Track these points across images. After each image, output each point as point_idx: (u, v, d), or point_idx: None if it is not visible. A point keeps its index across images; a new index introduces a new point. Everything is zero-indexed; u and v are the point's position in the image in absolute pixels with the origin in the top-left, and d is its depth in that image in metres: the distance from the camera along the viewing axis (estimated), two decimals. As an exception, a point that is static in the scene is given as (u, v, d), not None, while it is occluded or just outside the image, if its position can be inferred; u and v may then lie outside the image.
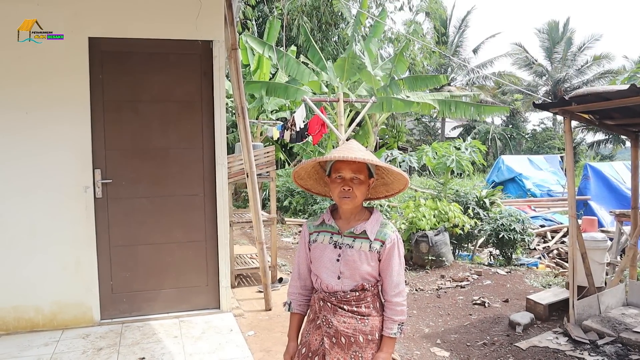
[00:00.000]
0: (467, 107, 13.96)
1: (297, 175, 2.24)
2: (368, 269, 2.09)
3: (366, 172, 2.09)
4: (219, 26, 4.65)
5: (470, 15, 34.51)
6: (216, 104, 4.67)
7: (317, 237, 2.18)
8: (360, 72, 13.55)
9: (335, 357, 2.08)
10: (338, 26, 19.05)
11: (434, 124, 35.43)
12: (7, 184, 4.27)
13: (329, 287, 2.11)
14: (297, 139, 11.98)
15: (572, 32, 34.58)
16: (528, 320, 4.90)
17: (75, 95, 4.36)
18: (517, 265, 7.44)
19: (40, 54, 4.27)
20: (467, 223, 7.56)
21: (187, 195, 4.69)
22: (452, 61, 31.98)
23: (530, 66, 34.83)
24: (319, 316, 2.13)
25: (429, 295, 6.11)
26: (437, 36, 28.41)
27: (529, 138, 32.94)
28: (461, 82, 34.32)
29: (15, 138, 4.27)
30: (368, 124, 14.88)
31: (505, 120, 34.55)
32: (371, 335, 2.11)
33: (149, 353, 3.91)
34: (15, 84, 4.24)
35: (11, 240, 4.29)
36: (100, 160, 4.47)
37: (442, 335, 4.84)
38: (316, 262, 2.16)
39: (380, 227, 2.12)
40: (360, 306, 2.10)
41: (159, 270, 4.64)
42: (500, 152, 29.55)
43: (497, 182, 16.04)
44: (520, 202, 13.42)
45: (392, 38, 17.86)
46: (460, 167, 8.88)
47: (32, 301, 4.34)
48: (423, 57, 18.19)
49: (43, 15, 4.26)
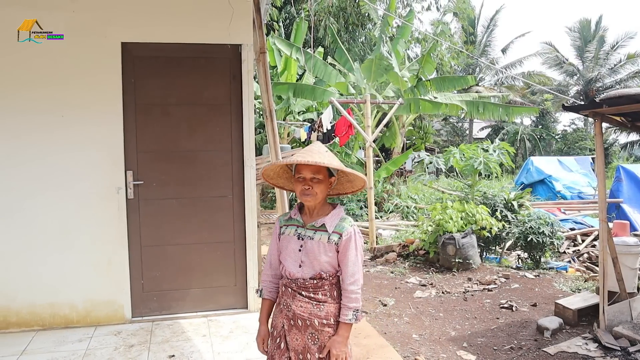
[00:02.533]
0: (496, 107, 13.82)
1: (267, 175, 2.48)
2: (326, 259, 2.30)
3: (325, 172, 2.32)
4: (248, 30, 4.72)
5: (499, 14, 34.05)
6: (245, 106, 4.74)
7: (285, 230, 2.43)
8: (387, 73, 13.53)
9: (293, 337, 2.34)
10: (365, 27, 19.02)
11: (462, 125, 35.05)
12: (43, 182, 4.41)
13: (291, 274, 2.35)
14: (324, 140, 11.99)
15: (605, 30, 33.75)
16: (557, 325, 4.85)
17: (108, 98, 4.49)
18: (545, 269, 7.34)
19: (76, 59, 4.41)
20: (495, 225, 7.49)
21: (216, 196, 4.77)
22: (480, 61, 31.61)
23: (561, 66, 34.14)
24: (281, 301, 2.40)
25: (455, 298, 6.08)
26: (465, 36, 28.17)
27: (559, 139, 32.28)
28: (489, 83, 33.87)
29: (51, 138, 4.41)
30: (395, 125, 14.84)
31: (534, 121, 33.94)
32: (326, 320, 2.31)
33: (178, 351, 4.00)
34: (52, 87, 4.38)
35: (47, 239, 4.43)
36: (132, 162, 4.58)
37: (468, 338, 4.82)
38: (283, 252, 2.40)
39: (340, 221, 2.33)
40: (317, 293, 2.32)
41: (188, 270, 4.73)
42: (529, 153, 29.04)
43: (525, 184, 15.79)
44: (549, 204, 13.20)
45: (419, 39, 17.77)
46: (488, 169, 8.79)
47: (67, 298, 4.48)
48: (450, 57, 18.05)
49: (79, 21, 4.39)
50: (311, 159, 2.25)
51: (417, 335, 4.93)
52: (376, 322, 5.29)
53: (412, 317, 5.44)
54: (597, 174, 4.85)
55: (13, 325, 4.38)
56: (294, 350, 2.35)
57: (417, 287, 6.57)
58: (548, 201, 14.16)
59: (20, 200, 4.37)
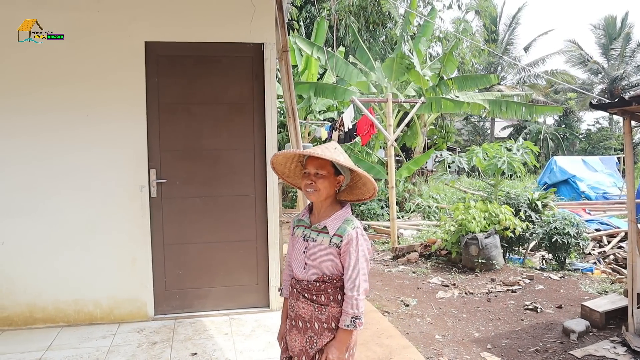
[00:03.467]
0: (518, 106, 13.63)
1: (281, 173, 2.47)
2: (328, 262, 2.26)
3: (330, 169, 2.26)
4: (270, 28, 4.72)
5: (521, 12, 33.67)
6: (267, 105, 4.74)
7: (296, 230, 2.43)
8: (408, 72, 13.42)
9: (293, 337, 2.33)
10: (386, 26, 18.93)
11: (483, 124, 34.69)
12: (67, 180, 4.46)
13: (297, 276, 2.35)
14: (345, 139, 11.98)
15: (631, 27, 33.05)
16: (583, 327, 4.75)
17: (132, 97, 4.52)
18: (571, 270, 7.20)
19: (100, 58, 4.45)
20: (519, 226, 7.38)
21: (238, 195, 4.78)
22: (503, 60, 31.23)
23: (585, 64, 33.56)
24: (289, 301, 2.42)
25: (478, 299, 6.00)
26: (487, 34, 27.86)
27: (583, 138, 31.71)
28: (512, 81, 33.44)
29: (76, 136, 4.46)
30: (417, 124, 14.74)
31: (557, 120, 33.40)
32: (327, 324, 2.26)
33: (200, 349, 4.01)
34: (76, 86, 4.44)
35: (72, 237, 4.49)
36: (155, 160, 4.62)
37: (492, 340, 4.75)
38: (292, 252, 2.41)
39: (343, 223, 2.26)
40: (320, 296, 2.27)
41: (210, 268, 4.75)
42: (552, 153, 28.62)
43: (549, 184, 15.57)
44: (574, 204, 13.00)
45: (440, 37, 17.62)
46: (511, 168, 8.66)
47: (91, 295, 4.53)
48: (472, 55, 17.85)
49: (104, 21, 4.44)
50: (314, 152, 2.22)
51: (440, 336, 4.87)
52: (398, 322, 5.24)
53: (435, 318, 5.38)
54: (625, 173, 4.74)
55: (39, 321, 4.45)
56: (290, 351, 2.35)
57: (439, 288, 6.50)
58: (572, 201, 13.94)
59: (46, 198, 4.44)
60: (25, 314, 4.44)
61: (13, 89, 4.37)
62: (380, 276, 7.24)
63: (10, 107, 4.37)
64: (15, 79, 4.37)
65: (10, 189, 4.40)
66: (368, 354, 4.10)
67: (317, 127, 14.53)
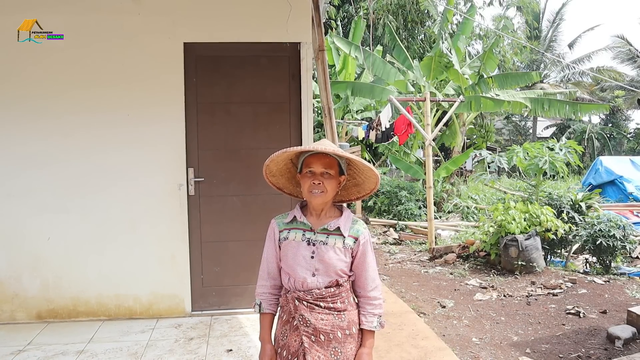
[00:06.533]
0: (562, 105, 13.24)
1: (269, 171, 2.25)
2: (342, 265, 2.12)
3: (337, 169, 2.10)
4: (307, 28, 4.73)
5: (565, 7, 32.56)
6: (304, 105, 4.76)
7: (288, 234, 2.19)
8: (447, 71, 13.23)
9: (315, 355, 2.08)
10: (424, 24, 18.72)
11: (525, 124, 33.87)
12: (110, 179, 4.60)
13: (305, 285, 2.11)
14: (382, 139, 11.89)
15: (683, 21, 31.71)
16: (629, 334, 4.57)
17: (171, 97, 4.62)
18: (616, 275, 6.96)
19: (140, 60, 4.57)
20: (561, 227, 7.17)
21: (275, 194, 4.78)
22: (546, 57, 30.43)
23: (634, 60, 32.28)
24: (295, 316, 2.12)
25: (517, 302, 5.87)
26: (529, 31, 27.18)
27: (631, 138, 30.52)
28: (555, 79, 32.54)
29: (117, 135, 4.59)
30: (455, 123, 14.51)
31: (604, 119, 32.30)
32: (348, 330, 2.13)
33: (236, 345, 4.06)
34: (118, 87, 4.57)
35: (115, 234, 4.62)
36: (194, 159, 4.69)
37: (531, 344, 4.64)
38: (289, 260, 2.15)
39: (352, 224, 2.16)
40: (335, 302, 2.12)
41: (247, 266, 4.78)
42: (598, 153, 27.67)
43: (594, 185, 15.08)
44: (620, 206, 12.53)
45: (480, 35, 17.30)
46: (553, 168, 8.43)
47: (131, 291, 4.65)
48: (513, 53, 17.45)
49: (144, 24, 4.56)
50: (323, 147, 2.05)
51: (477, 339, 4.79)
52: (434, 323, 5.18)
53: (472, 320, 5.28)
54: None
55: (82, 314, 4.60)
56: None
57: (477, 290, 6.39)
58: (619, 203, 13.45)
59: (89, 195, 4.58)
60: (70, 307, 4.60)
61: (63, 92, 4.53)
62: (417, 277, 7.17)
63: (62, 108, 4.54)
64: (63, 81, 4.54)
65: (55, 186, 4.56)
66: (403, 355, 4.07)
67: (355, 126, 14.49)
